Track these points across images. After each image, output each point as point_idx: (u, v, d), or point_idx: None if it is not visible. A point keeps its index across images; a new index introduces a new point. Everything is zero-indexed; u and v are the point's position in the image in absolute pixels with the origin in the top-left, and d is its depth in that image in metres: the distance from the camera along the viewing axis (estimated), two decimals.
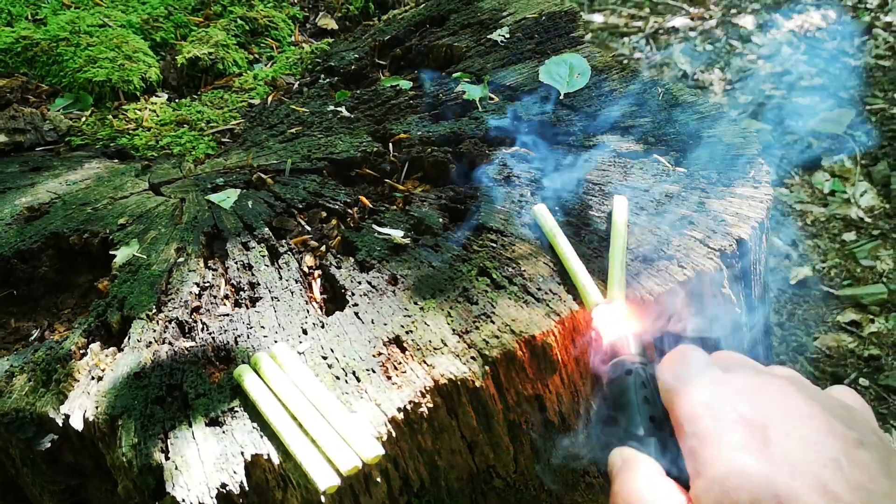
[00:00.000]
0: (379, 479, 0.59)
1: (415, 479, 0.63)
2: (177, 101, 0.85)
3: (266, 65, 0.91)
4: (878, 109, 2.97)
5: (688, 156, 0.71)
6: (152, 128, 0.81)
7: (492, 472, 0.69)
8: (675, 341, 0.61)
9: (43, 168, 0.78)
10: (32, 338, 0.67)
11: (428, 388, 0.58)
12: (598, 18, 4.00)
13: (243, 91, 0.86)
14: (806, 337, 2.09)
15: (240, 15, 0.95)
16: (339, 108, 0.82)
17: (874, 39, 3.65)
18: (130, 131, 0.80)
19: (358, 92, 0.87)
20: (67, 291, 0.71)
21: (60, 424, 0.58)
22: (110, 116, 0.82)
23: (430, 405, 0.58)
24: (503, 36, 0.90)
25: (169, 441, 0.55)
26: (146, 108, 0.83)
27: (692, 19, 3.99)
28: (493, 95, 0.83)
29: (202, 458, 0.54)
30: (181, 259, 0.68)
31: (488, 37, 0.91)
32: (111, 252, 0.69)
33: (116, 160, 0.80)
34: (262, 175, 0.75)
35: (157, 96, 0.86)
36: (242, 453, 0.54)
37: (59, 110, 0.83)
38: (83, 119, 0.82)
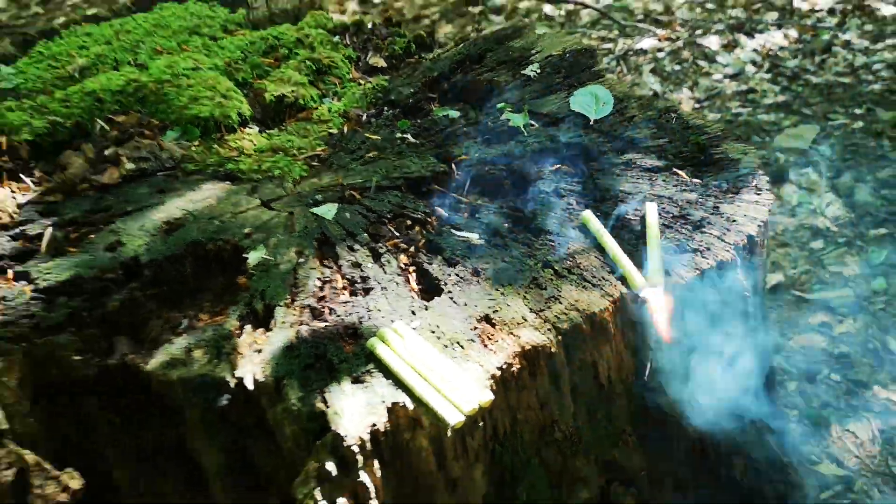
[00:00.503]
0: (481, 423, 0.78)
1: (500, 428, 0.83)
2: (267, 132, 1.04)
3: (334, 99, 1.11)
4: (840, 125, 3.23)
5: (701, 169, 0.93)
6: (252, 154, 1.00)
7: (555, 426, 0.88)
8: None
9: (168, 190, 0.97)
10: (182, 326, 0.85)
11: (517, 353, 0.78)
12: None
13: (322, 122, 1.05)
14: (781, 337, 2.32)
15: (306, 57, 1.14)
16: (405, 135, 1.02)
17: (833, 57, 3.95)
18: (235, 158, 0.99)
19: (418, 121, 1.07)
20: (206, 290, 0.90)
21: (233, 386, 0.76)
22: (215, 146, 1.01)
23: (518, 366, 0.78)
24: (535, 71, 1.10)
25: (325, 395, 0.74)
26: (244, 138, 1.02)
27: (659, 41, 4.25)
28: (533, 122, 1.04)
29: (354, 407, 0.73)
30: (301, 260, 0.87)
31: (522, 72, 1.12)
32: (244, 255, 0.88)
33: (228, 182, 0.98)
34: (353, 192, 0.95)
35: (249, 128, 1.05)
36: (384, 402, 0.73)
37: (171, 141, 1.01)
38: (192, 148, 1.01)
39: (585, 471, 0.97)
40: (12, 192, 0.96)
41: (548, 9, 4.68)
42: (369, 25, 1.24)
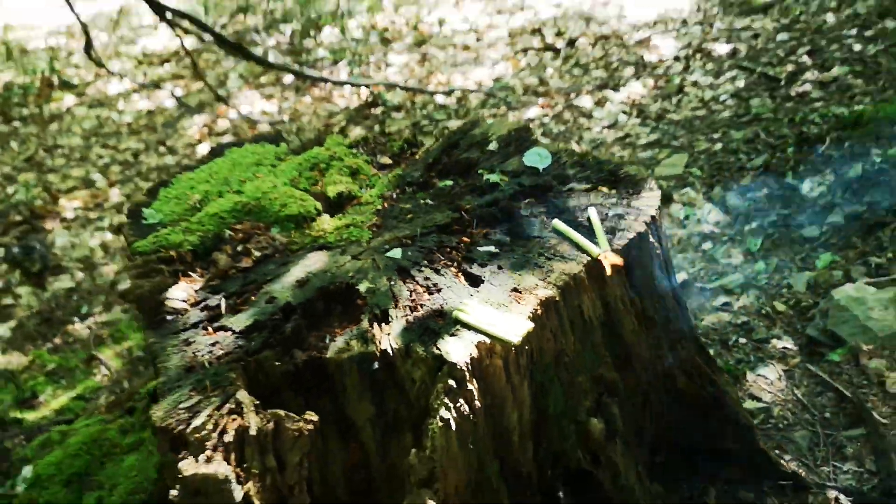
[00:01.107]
0: (526, 347, 1.34)
1: (534, 355, 1.39)
2: (335, 217, 1.60)
3: (369, 189, 1.68)
4: (704, 149, 3.99)
5: (615, 185, 1.55)
6: (333, 231, 1.56)
7: (563, 353, 1.45)
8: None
9: (287, 263, 1.51)
10: (327, 339, 1.39)
11: (538, 303, 1.35)
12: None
13: (368, 204, 1.62)
14: (694, 319, 2.93)
15: (340, 166, 1.72)
16: (427, 202, 1.61)
17: (686, 96, 4.78)
18: (322, 236, 1.55)
19: (430, 191, 1.66)
20: (331, 315, 1.44)
21: (378, 355, 1.31)
22: (306, 231, 1.57)
23: (540, 311, 1.35)
24: (494, 146, 1.71)
25: (437, 345, 1.29)
26: (322, 223, 1.58)
27: (542, 108, 4.99)
28: (504, 178, 1.64)
29: (455, 348, 1.28)
30: (392, 282, 1.43)
31: (487, 148, 1.73)
32: (356, 287, 1.43)
33: (324, 251, 1.54)
34: (407, 240, 1.53)
35: (322, 217, 1.61)
36: (472, 342, 1.29)
37: (276, 233, 1.56)
38: (292, 235, 1.56)
39: (585, 385, 1.54)
40: (188, 284, 1.49)
41: (440, 99, 5.40)
42: (371, 137, 1.83)
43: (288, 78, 6.30)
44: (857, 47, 4.77)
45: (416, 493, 1.27)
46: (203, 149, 5.41)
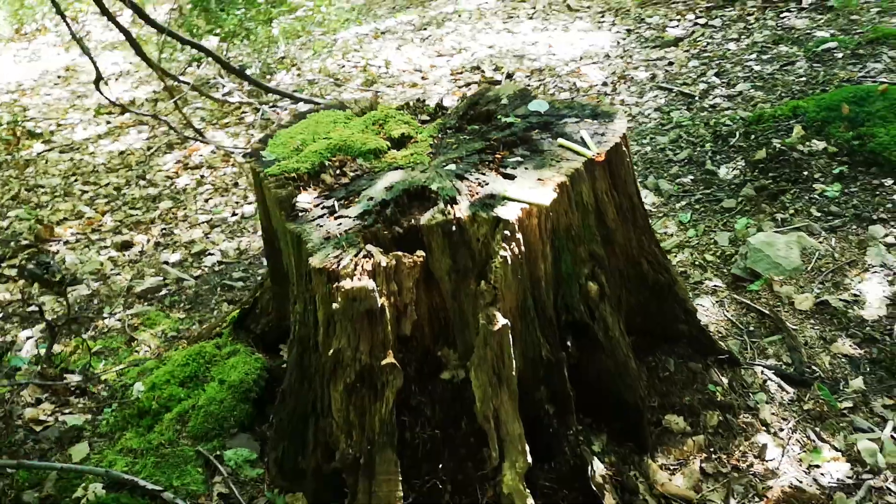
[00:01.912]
0: (550, 214, 2.06)
1: (554, 223, 2.12)
2: (399, 150, 2.32)
3: (419, 133, 2.41)
4: (636, 151, 4.81)
5: (596, 118, 2.32)
6: (401, 158, 2.28)
7: (571, 226, 2.18)
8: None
9: (375, 178, 2.23)
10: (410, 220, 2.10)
11: (556, 185, 2.07)
12: None
13: (423, 142, 2.34)
14: None
15: (395, 120, 2.44)
16: (464, 137, 2.35)
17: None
18: (396, 161, 2.27)
19: (465, 132, 2.40)
20: (412, 207, 2.15)
21: (455, 221, 2.02)
22: (383, 159, 2.29)
23: (558, 191, 2.08)
24: (506, 101, 2.47)
25: (495, 210, 2.01)
26: (393, 155, 2.30)
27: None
28: (517, 119, 2.40)
29: (509, 211, 2.01)
30: (450, 183, 2.16)
31: (501, 102, 2.48)
32: (428, 187, 2.14)
33: (399, 170, 2.25)
34: (456, 160, 2.26)
35: (390, 150, 2.33)
36: (519, 208, 2.01)
37: (362, 161, 2.27)
38: (373, 163, 2.28)
39: (584, 255, 2.28)
40: (308, 193, 2.18)
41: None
42: (410, 104, 2.56)
43: (250, 117, 6.99)
44: (757, 68, 5.74)
45: (486, 309, 1.98)
46: (182, 181, 6.03)
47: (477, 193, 2.07)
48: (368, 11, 9.60)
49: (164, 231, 5.14)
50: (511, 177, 2.12)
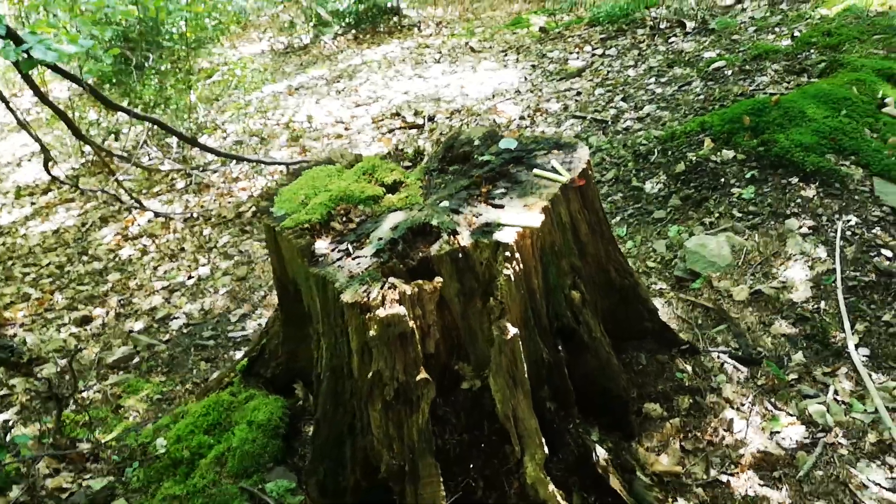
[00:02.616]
0: (538, 235, 2.39)
1: (541, 242, 2.45)
2: (394, 195, 2.62)
3: (408, 178, 2.71)
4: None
5: (560, 148, 2.68)
6: (398, 201, 2.58)
7: (554, 243, 2.52)
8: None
9: (379, 221, 2.52)
10: (419, 253, 2.40)
11: (541, 209, 2.41)
12: None
13: (413, 185, 2.65)
14: None
15: (383, 168, 2.75)
16: (449, 177, 2.67)
17: None
18: (393, 204, 2.57)
19: (448, 172, 2.72)
20: (418, 242, 2.46)
21: (460, 248, 2.33)
22: (382, 203, 2.58)
23: (542, 215, 2.41)
24: (478, 141, 2.81)
25: (493, 236, 2.33)
26: (390, 199, 2.60)
27: None
28: (492, 156, 2.73)
29: (505, 236, 2.33)
30: (447, 217, 2.47)
31: (474, 143, 2.81)
32: (429, 223, 2.45)
33: (398, 211, 2.55)
34: (448, 197, 2.58)
35: (386, 195, 2.63)
36: (514, 232, 2.34)
37: (363, 208, 2.57)
38: (374, 207, 2.57)
39: (566, 268, 2.63)
40: (323, 240, 2.46)
41: None
42: (392, 153, 2.86)
43: (180, 183, 7.15)
44: (658, 90, 6.27)
45: (497, 322, 2.29)
46: (126, 252, 6.15)
47: (474, 223, 2.39)
48: (277, 70, 9.88)
49: (121, 302, 5.27)
50: (500, 206, 2.45)
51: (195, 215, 6.38)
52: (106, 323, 5.00)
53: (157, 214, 6.21)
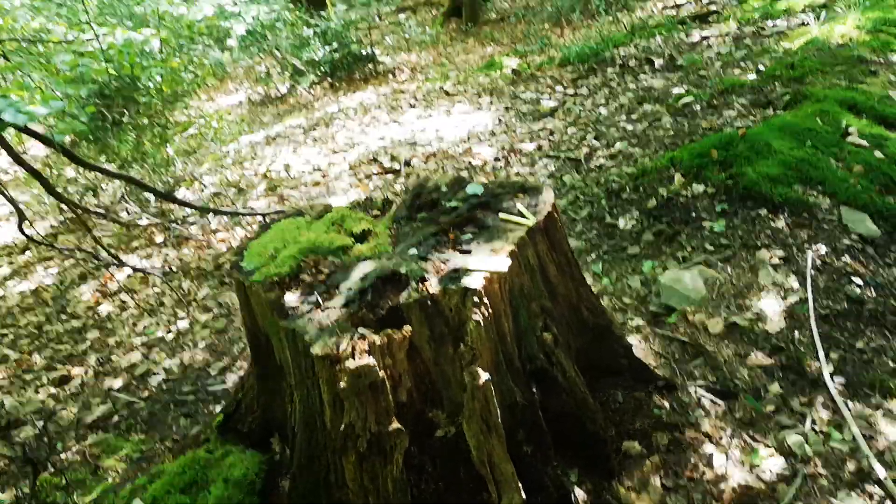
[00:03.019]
0: (506, 279, 2.40)
1: (509, 285, 2.46)
2: (363, 244, 2.64)
3: (377, 227, 2.73)
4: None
5: (525, 192, 2.71)
6: (367, 250, 2.60)
7: (523, 286, 2.53)
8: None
9: (349, 271, 2.52)
10: (391, 301, 2.41)
11: (509, 253, 2.43)
12: None
13: (381, 234, 2.67)
14: None
15: (352, 218, 2.77)
16: (417, 224, 2.69)
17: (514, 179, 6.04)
18: (363, 253, 2.58)
19: (416, 220, 2.74)
20: (387, 291, 2.46)
21: (429, 296, 2.34)
22: (351, 254, 2.59)
23: (510, 260, 2.43)
24: (445, 188, 2.83)
25: (461, 281, 2.35)
26: (359, 248, 2.61)
27: None
28: (459, 202, 2.76)
29: (472, 282, 2.34)
30: (416, 265, 2.48)
31: (441, 190, 2.84)
32: (398, 271, 2.46)
33: (369, 260, 2.56)
34: (416, 245, 2.59)
35: (355, 245, 2.65)
36: (482, 277, 2.35)
37: (333, 259, 2.58)
38: (343, 258, 2.58)
39: (536, 310, 2.64)
40: (293, 293, 2.46)
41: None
42: (360, 203, 2.89)
43: (159, 237, 7.14)
44: (629, 127, 6.35)
45: (468, 368, 2.30)
46: (104, 309, 6.12)
47: (442, 270, 2.40)
48: (254, 121, 9.93)
49: (100, 360, 5.23)
50: (468, 252, 2.46)
51: (174, 269, 6.36)
52: (85, 382, 4.95)
53: (135, 270, 6.18)
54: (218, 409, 4.00)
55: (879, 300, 3.67)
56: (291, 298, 2.41)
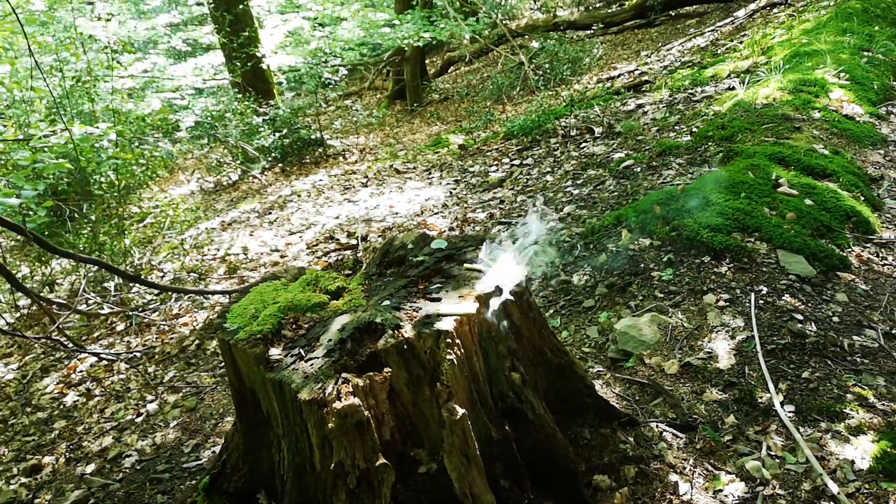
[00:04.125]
0: (475, 321, 2.61)
1: (478, 327, 2.67)
2: (338, 300, 2.82)
3: (350, 284, 2.92)
4: None
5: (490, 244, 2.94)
6: (343, 305, 2.78)
7: (491, 328, 2.74)
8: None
9: (328, 324, 2.70)
10: (369, 347, 2.59)
11: (475, 298, 2.64)
12: None
13: (355, 290, 2.86)
14: None
15: (325, 278, 2.96)
16: (388, 279, 2.89)
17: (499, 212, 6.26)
18: (339, 308, 2.77)
19: (386, 275, 2.94)
20: (365, 340, 2.65)
21: (405, 340, 2.53)
22: (328, 309, 2.78)
23: (476, 303, 2.64)
24: (411, 245, 3.05)
25: (435, 326, 2.54)
26: (335, 304, 2.80)
27: None
28: (426, 257, 2.97)
29: (444, 325, 2.54)
30: (390, 315, 2.68)
31: (408, 247, 3.06)
32: (374, 321, 2.65)
33: (343, 315, 2.75)
34: (389, 297, 2.79)
35: (331, 301, 2.83)
36: (453, 321, 2.55)
37: (311, 315, 2.76)
38: (320, 313, 2.76)
39: (504, 351, 2.84)
40: (276, 348, 2.64)
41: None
42: (332, 264, 3.08)
43: (121, 326, 7.21)
44: (576, 191, 6.67)
45: (445, 405, 2.48)
46: (70, 398, 6.14)
47: (415, 317, 2.60)
48: (209, 208, 10.11)
49: (70, 447, 5.25)
50: (437, 299, 2.67)
51: (139, 355, 6.43)
52: (57, 469, 4.98)
53: (99, 358, 6.24)
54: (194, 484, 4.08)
55: (820, 333, 3.94)
56: (275, 352, 2.58)
